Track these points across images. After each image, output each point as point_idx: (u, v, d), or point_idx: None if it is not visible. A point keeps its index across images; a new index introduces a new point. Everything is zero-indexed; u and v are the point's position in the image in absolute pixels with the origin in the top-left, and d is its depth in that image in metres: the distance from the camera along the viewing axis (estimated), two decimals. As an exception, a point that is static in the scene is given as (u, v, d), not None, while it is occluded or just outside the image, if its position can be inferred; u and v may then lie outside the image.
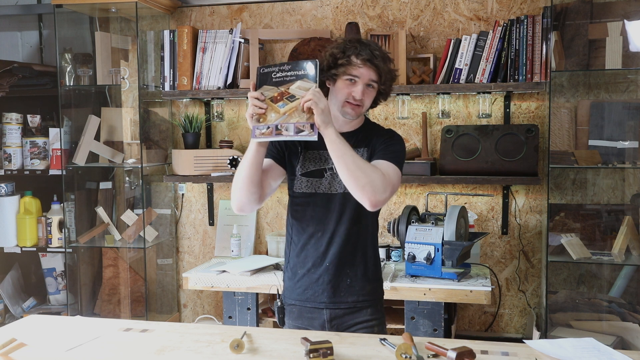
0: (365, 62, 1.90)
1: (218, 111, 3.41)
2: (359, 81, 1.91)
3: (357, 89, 1.91)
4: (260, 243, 3.51)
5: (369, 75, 1.91)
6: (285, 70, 1.80)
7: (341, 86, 1.93)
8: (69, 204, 3.43)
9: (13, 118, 3.53)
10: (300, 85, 1.79)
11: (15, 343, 1.79)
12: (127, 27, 3.51)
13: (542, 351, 1.67)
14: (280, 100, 1.80)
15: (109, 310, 3.50)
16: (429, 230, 2.77)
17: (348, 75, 1.91)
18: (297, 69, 1.79)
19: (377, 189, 1.81)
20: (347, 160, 1.80)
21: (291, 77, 1.79)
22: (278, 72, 1.81)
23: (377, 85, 1.95)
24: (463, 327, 3.32)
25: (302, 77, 1.79)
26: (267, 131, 1.81)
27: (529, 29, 2.94)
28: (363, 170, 1.81)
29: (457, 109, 3.24)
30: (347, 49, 1.92)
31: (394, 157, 1.95)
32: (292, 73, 1.80)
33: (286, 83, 1.81)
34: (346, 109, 1.94)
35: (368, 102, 1.97)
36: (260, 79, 1.85)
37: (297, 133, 1.78)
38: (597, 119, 2.94)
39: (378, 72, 1.92)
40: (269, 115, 1.81)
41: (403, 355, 1.58)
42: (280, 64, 1.82)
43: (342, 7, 3.34)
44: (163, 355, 1.70)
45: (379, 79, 1.93)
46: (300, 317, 2.06)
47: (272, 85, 1.83)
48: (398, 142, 2.02)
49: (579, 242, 2.87)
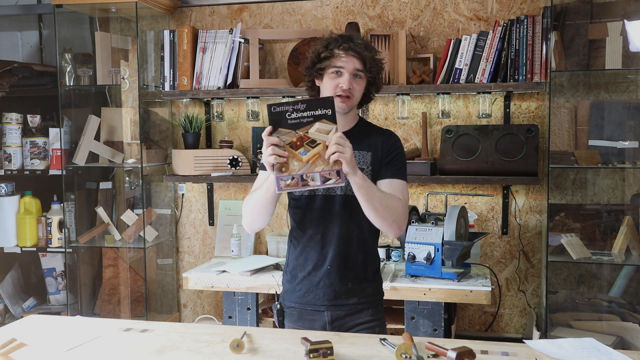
0: (347, 51, 1.90)
1: (218, 111, 3.41)
2: (344, 71, 1.91)
3: (343, 79, 1.91)
4: (260, 243, 3.51)
5: (353, 64, 1.91)
6: (301, 111, 1.66)
7: (328, 80, 1.94)
8: (69, 204, 3.43)
9: (13, 118, 3.53)
10: (320, 127, 1.66)
11: (15, 343, 1.79)
12: (127, 27, 3.51)
13: (542, 351, 1.67)
14: (301, 147, 1.67)
15: (109, 310, 3.50)
16: (429, 230, 2.77)
17: (333, 67, 1.92)
18: (312, 108, 1.66)
19: (402, 222, 1.91)
20: (375, 203, 1.83)
21: (308, 119, 1.66)
22: (292, 113, 1.66)
23: (364, 74, 1.94)
24: (463, 327, 3.32)
25: (320, 118, 1.66)
26: (293, 182, 1.69)
27: (529, 29, 2.94)
28: (389, 210, 1.86)
29: (457, 109, 3.24)
30: (329, 43, 1.94)
31: (404, 172, 2.00)
32: (308, 114, 1.66)
33: (304, 126, 1.67)
34: (336, 102, 1.91)
35: (358, 93, 1.96)
36: (273, 119, 1.69)
37: (325, 182, 1.69)
38: (597, 119, 2.94)
39: (362, 60, 1.91)
40: (291, 163, 1.68)
41: (403, 355, 1.58)
42: (294, 102, 1.67)
43: (342, 7, 3.34)
44: (163, 355, 1.70)
45: (363, 67, 1.92)
46: (301, 319, 2.05)
47: (288, 127, 1.68)
48: (402, 150, 2.03)
49: (579, 242, 2.87)
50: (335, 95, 1.91)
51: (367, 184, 1.81)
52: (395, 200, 1.91)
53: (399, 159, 2.00)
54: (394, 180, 1.96)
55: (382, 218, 1.86)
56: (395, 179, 1.97)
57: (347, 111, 1.97)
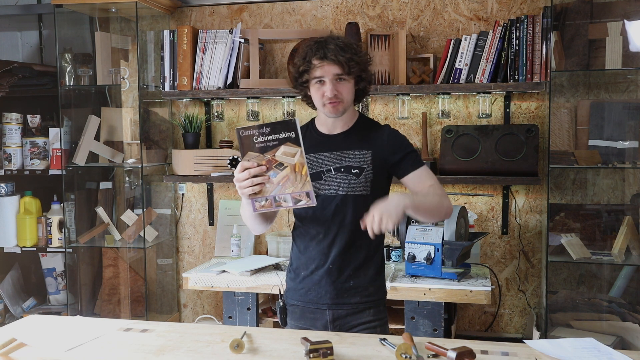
0: (322, 60, 1.89)
1: (218, 111, 3.41)
2: (325, 80, 1.91)
3: (326, 87, 1.91)
4: (260, 243, 3.51)
5: (332, 71, 1.90)
6: (266, 134, 1.68)
7: (314, 90, 1.95)
8: (69, 204, 3.43)
9: (13, 118, 3.53)
10: (285, 150, 1.69)
11: (15, 343, 1.79)
12: (127, 27, 3.51)
13: (542, 351, 1.67)
14: (270, 169, 1.72)
15: (109, 310, 3.50)
16: (429, 230, 2.77)
17: (314, 78, 1.92)
18: (276, 131, 1.67)
19: (450, 204, 1.97)
20: (428, 211, 1.91)
21: (274, 142, 1.68)
22: (259, 137, 1.68)
23: (346, 77, 1.92)
24: (463, 327, 3.32)
25: (285, 141, 1.68)
26: (267, 203, 1.77)
27: (529, 29, 2.94)
28: (440, 205, 1.92)
29: (457, 109, 3.24)
30: (306, 54, 1.93)
31: (419, 158, 2.03)
32: (273, 137, 1.68)
33: (270, 149, 1.70)
34: (327, 110, 1.94)
35: (347, 95, 1.94)
36: (242, 142, 1.72)
37: (296, 203, 1.75)
38: (597, 119, 2.94)
39: (339, 64, 1.89)
40: (264, 186, 1.75)
41: (403, 355, 1.58)
42: (259, 126, 1.68)
43: (342, 7, 3.34)
44: (163, 355, 1.70)
45: (343, 70, 1.90)
46: (303, 317, 2.06)
47: (257, 151, 1.71)
48: (405, 139, 2.04)
49: (579, 242, 2.87)
50: (323, 104, 1.93)
51: (415, 204, 1.83)
52: (434, 190, 1.94)
53: (408, 148, 2.01)
54: (417, 172, 1.98)
55: (436, 216, 1.98)
56: (417, 169, 1.99)
57: (341, 115, 1.97)
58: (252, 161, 1.73)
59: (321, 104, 1.94)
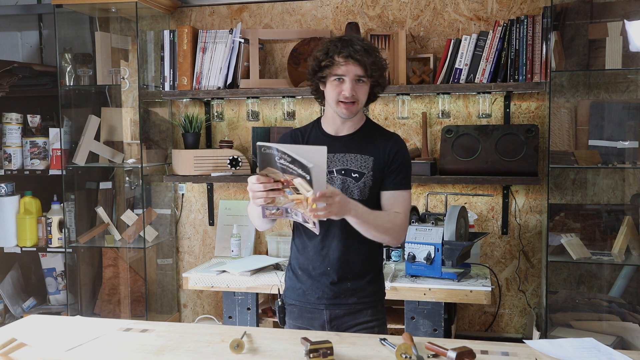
0: (347, 58, 1.88)
1: (218, 111, 3.41)
2: (346, 79, 1.90)
3: (345, 87, 1.90)
4: (260, 243, 3.51)
5: (354, 71, 1.90)
6: (287, 161, 1.64)
7: (331, 87, 1.93)
8: (69, 204, 3.43)
9: (13, 118, 3.53)
10: (302, 183, 1.66)
11: (15, 343, 1.79)
12: (127, 27, 3.51)
13: (542, 351, 1.67)
14: (287, 187, 1.72)
15: (109, 310, 3.50)
16: (429, 230, 2.77)
17: (334, 75, 1.91)
18: (296, 164, 1.62)
19: (401, 235, 1.98)
20: (372, 231, 1.90)
21: (292, 171, 1.66)
22: (280, 159, 1.65)
23: (366, 79, 1.93)
24: (463, 327, 3.32)
25: (302, 176, 1.64)
26: (277, 212, 1.80)
27: (529, 29, 2.94)
28: (387, 231, 1.92)
29: (457, 109, 3.24)
30: (329, 50, 1.92)
31: (408, 181, 2.02)
32: (293, 167, 1.64)
33: (288, 173, 1.68)
34: (340, 109, 1.94)
35: (362, 98, 1.95)
36: (262, 158, 1.72)
37: (304, 222, 1.79)
38: (597, 119, 2.94)
39: (363, 66, 1.89)
40: (278, 197, 1.76)
41: (403, 355, 1.58)
42: (282, 151, 1.63)
43: (342, 7, 3.34)
44: (163, 355, 1.70)
45: (365, 73, 1.90)
46: (301, 317, 2.06)
47: (276, 168, 1.70)
48: (407, 156, 2.03)
49: (579, 242, 2.87)
50: (338, 102, 1.92)
51: (361, 218, 1.85)
52: (393, 217, 1.94)
53: (404, 168, 2.00)
54: (397, 192, 1.98)
55: (380, 239, 1.96)
56: (399, 190, 1.99)
57: (352, 116, 1.97)
58: (270, 177, 1.73)
59: (335, 102, 1.93)
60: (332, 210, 1.72)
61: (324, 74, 1.93)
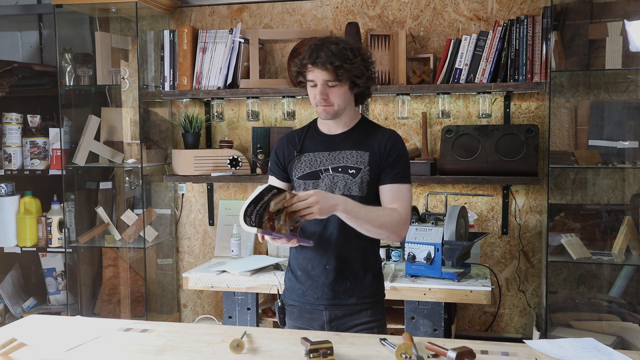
0: (314, 65, 1.91)
1: (218, 111, 3.41)
2: (317, 83, 1.93)
3: (317, 90, 1.93)
4: (260, 243, 3.51)
5: (322, 77, 1.91)
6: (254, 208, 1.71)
7: (309, 92, 1.98)
8: (69, 204, 3.43)
9: (13, 118, 3.53)
10: (276, 201, 1.73)
11: (15, 343, 1.79)
12: (127, 27, 3.51)
13: (542, 351, 1.67)
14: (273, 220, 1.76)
15: (109, 310, 3.50)
16: (429, 230, 2.77)
17: (308, 80, 1.95)
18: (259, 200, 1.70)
19: (401, 230, 1.94)
20: (366, 226, 1.89)
21: (264, 204, 1.72)
22: (252, 214, 1.71)
23: (336, 82, 1.91)
24: (463, 327, 3.32)
25: (271, 199, 1.71)
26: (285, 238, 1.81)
27: (529, 29, 2.94)
28: (383, 226, 1.90)
29: (457, 109, 3.24)
30: (304, 56, 1.94)
31: (406, 174, 2.00)
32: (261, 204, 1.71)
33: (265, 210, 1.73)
34: (319, 111, 1.98)
35: (338, 99, 1.94)
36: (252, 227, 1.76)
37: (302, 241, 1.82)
38: (597, 119, 2.94)
39: (328, 71, 1.89)
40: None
41: (403, 355, 1.58)
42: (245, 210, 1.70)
43: (342, 7, 3.34)
44: (163, 355, 1.70)
45: (332, 77, 1.90)
46: (300, 317, 2.06)
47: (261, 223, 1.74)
48: (403, 150, 2.02)
49: (579, 242, 2.87)
50: (316, 104, 1.96)
51: (350, 213, 1.84)
52: (389, 211, 1.92)
53: (401, 161, 1.99)
54: (395, 186, 1.97)
55: (377, 235, 1.94)
56: (397, 183, 1.97)
57: (333, 117, 1.98)
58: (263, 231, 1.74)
59: (314, 104, 1.98)
60: (314, 208, 1.74)
61: (300, 79, 1.99)
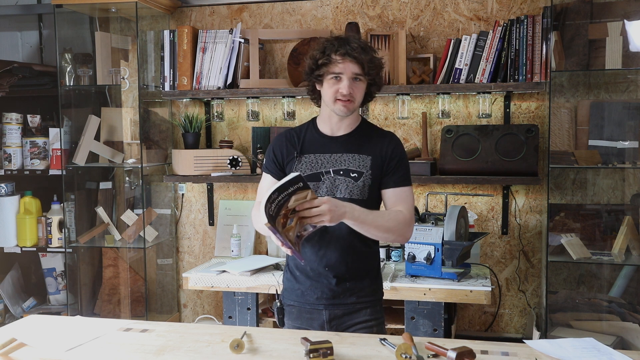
0: (344, 56, 1.89)
1: (218, 111, 3.41)
2: (343, 77, 1.91)
3: (343, 84, 1.91)
4: (260, 243, 3.51)
5: (351, 69, 1.90)
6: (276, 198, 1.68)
7: (327, 86, 1.94)
8: (69, 204, 3.43)
9: (13, 118, 3.53)
10: (296, 198, 1.72)
11: (15, 343, 1.79)
12: (127, 27, 3.51)
13: (542, 351, 1.67)
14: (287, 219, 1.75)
15: (109, 310, 3.50)
16: (429, 230, 2.77)
17: (331, 73, 1.92)
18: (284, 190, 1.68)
19: (406, 232, 1.96)
20: (373, 232, 1.90)
21: (284, 198, 1.70)
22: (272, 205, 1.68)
23: (363, 77, 1.93)
24: (463, 327, 3.32)
25: (294, 193, 1.70)
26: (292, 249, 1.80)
27: (529, 29, 2.94)
28: (390, 230, 1.91)
29: (457, 109, 3.24)
30: (326, 48, 1.93)
31: (407, 177, 2.01)
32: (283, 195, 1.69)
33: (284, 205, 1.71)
34: (337, 106, 1.94)
35: (359, 96, 1.96)
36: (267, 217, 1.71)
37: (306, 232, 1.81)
38: (597, 119, 2.94)
39: (360, 64, 1.90)
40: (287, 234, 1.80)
41: (403, 355, 1.58)
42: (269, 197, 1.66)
43: (342, 7, 3.34)
44: (163, 355, 1.70)
45: (362, 71, 1.91)
46: (300, 317, 2.06)
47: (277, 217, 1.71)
48: (404, 154, 2.03)
49: (579, 242, 2.87)
50: (335, 100, 1.93)
51: (358, 220, 1.84)
52: (394, 215, 1.93)
53: (402, 164, 2.00)
54: (398, 189, 1.98)
55: (384, 238, 1.95)
56: (400, 187, 1.98)
57: (349, 114, 1.97)
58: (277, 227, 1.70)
59: (332, 100, 1.94)
60: (326, 217, 1.73)
61: (321, 72, 1.94)
